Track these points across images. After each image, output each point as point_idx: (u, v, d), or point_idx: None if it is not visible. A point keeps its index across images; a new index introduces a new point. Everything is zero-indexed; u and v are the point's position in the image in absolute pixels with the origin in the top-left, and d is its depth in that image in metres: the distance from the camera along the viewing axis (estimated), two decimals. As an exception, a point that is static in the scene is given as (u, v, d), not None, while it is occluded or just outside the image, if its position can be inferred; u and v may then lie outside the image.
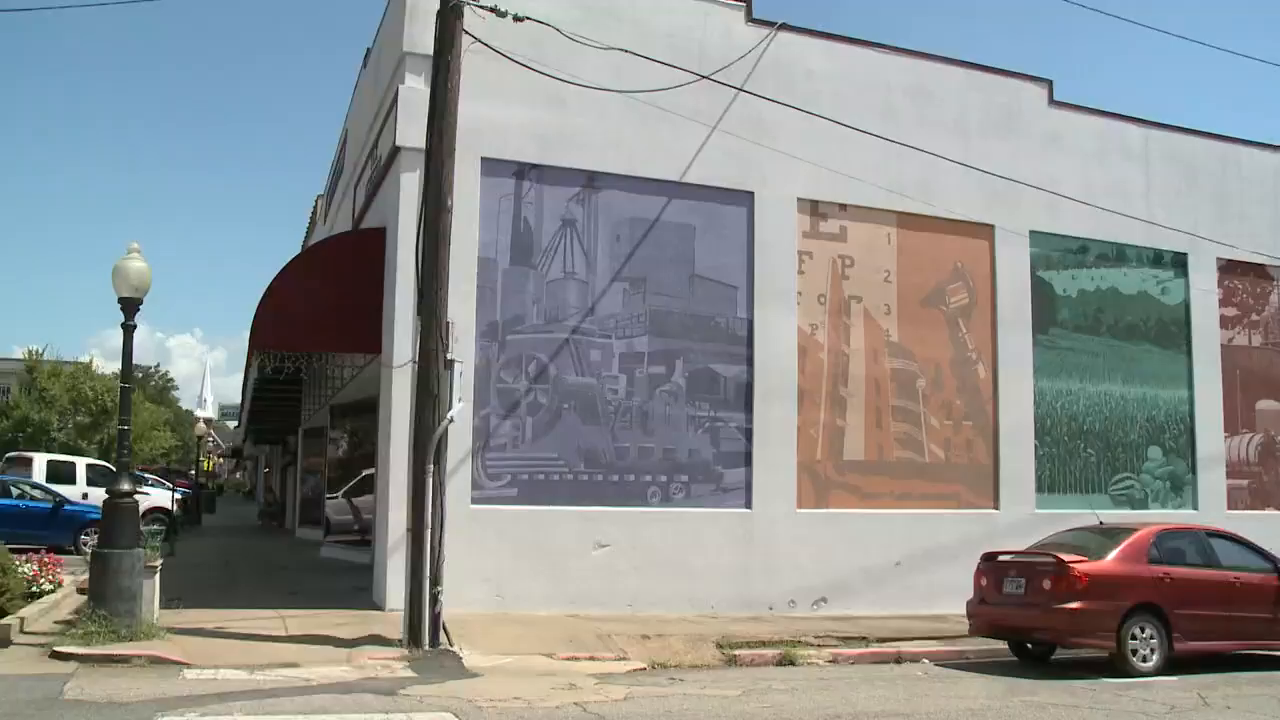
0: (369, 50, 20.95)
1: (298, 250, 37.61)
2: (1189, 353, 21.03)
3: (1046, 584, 12.94)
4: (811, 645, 13.83)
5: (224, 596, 15.89)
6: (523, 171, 16.00)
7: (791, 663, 12.93)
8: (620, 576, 15.70)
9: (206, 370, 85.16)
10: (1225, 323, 21.53)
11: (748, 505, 16.71)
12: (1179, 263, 21.06)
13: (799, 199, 17.57)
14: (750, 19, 17.52)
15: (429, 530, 12.31)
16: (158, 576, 12.90)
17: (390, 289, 15.57)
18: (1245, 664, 13.76)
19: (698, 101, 16.58)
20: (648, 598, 15.73)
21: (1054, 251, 19.78)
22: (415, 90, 15.06)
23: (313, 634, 12.73)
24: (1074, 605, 12.67)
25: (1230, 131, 23.92)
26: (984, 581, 13.96)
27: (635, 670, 12.01)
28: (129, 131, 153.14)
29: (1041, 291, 19.59)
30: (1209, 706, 10.77)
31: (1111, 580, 12.95)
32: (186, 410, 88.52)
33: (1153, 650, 12.83)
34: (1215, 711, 10.54)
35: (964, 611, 14.29)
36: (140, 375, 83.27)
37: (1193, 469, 20.74)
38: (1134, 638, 12.78)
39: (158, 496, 30.19)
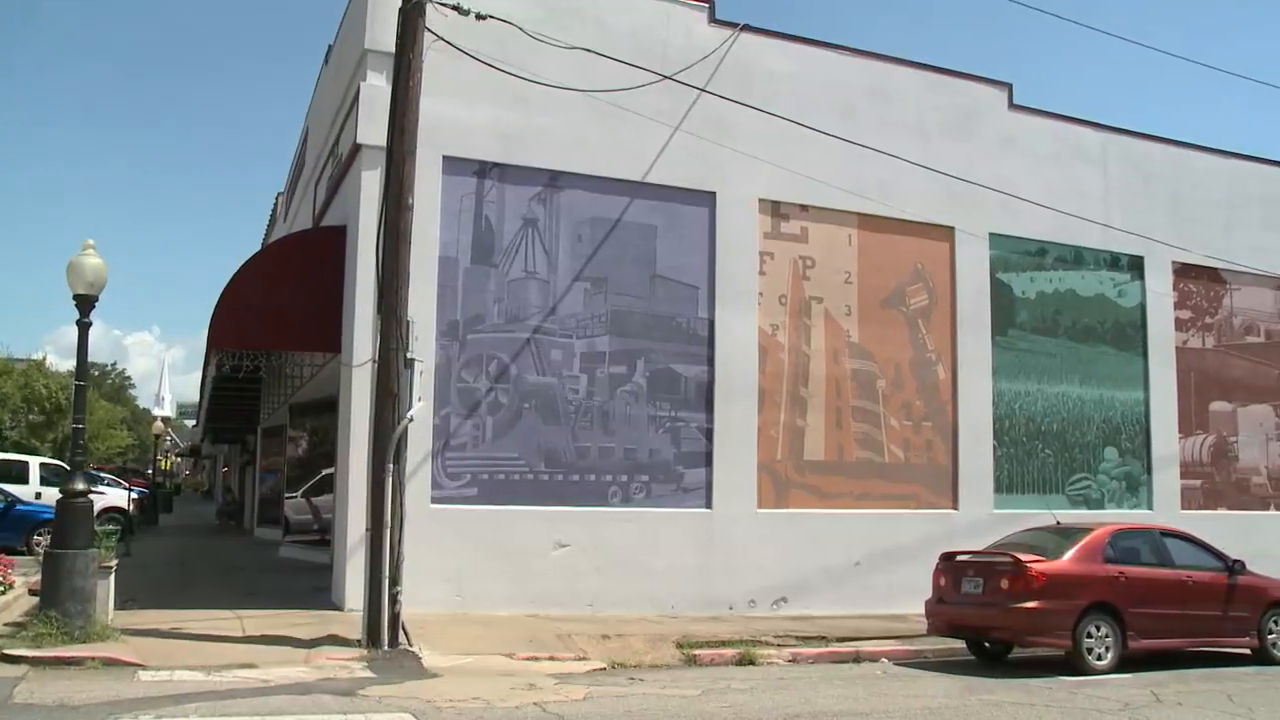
0: (330, 47, 20.82)
1: (258, 248, 37.34)
2: (1145, 355, 21.27)
3: (1004, 583, 13.05)
4: (771, 645, 13.87)
5: (180, 597, 15.74)
6: (485, 170, 15.95)
7: (751, 662, 12.95)
8: (581, 576, 15.68)
9: (164, 368, 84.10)
10: (1179, 325, 21.79)
11: (708, 505, 16.74)
12: (1135, 266, 21.30)
13: (760, 199, 17.63)
14: (712, 20, 17.56)
15: (388, 530, 12.24)
16: (112, 577, 12.75)
17: (350, 287, 15.50)
18: (1196, 660, 13.94)
19: (660, 102, 16.59)
20: (608, 598, 15.73)
21: (1013, 253, 19.95)
22: (376, 88, 14.99)
23: (270, 634, 12.63)
24: (1031, 604, 12.78)
25: (1177, 134, 24.22)
26: (942, 581, 14.05)
27: (595, 670, 12.00)
28: (90, 128, 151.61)
29: (1000, 293, 19.75)
30: (1161, 703, 10.90)
31: (1068, 580, 13.08)
32: (144, 409, 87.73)
33: (1107, 648, 12.97)
34: (1168, 708, 10.66)
35: (923, 611, 14.39)
36: (96, 373, 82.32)
37: (1148, 469, 20.97)
38: (1089, 636, 12.92)
39: (113, 496, 29.80)
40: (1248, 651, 14.41)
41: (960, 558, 14.13)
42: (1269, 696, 11.57)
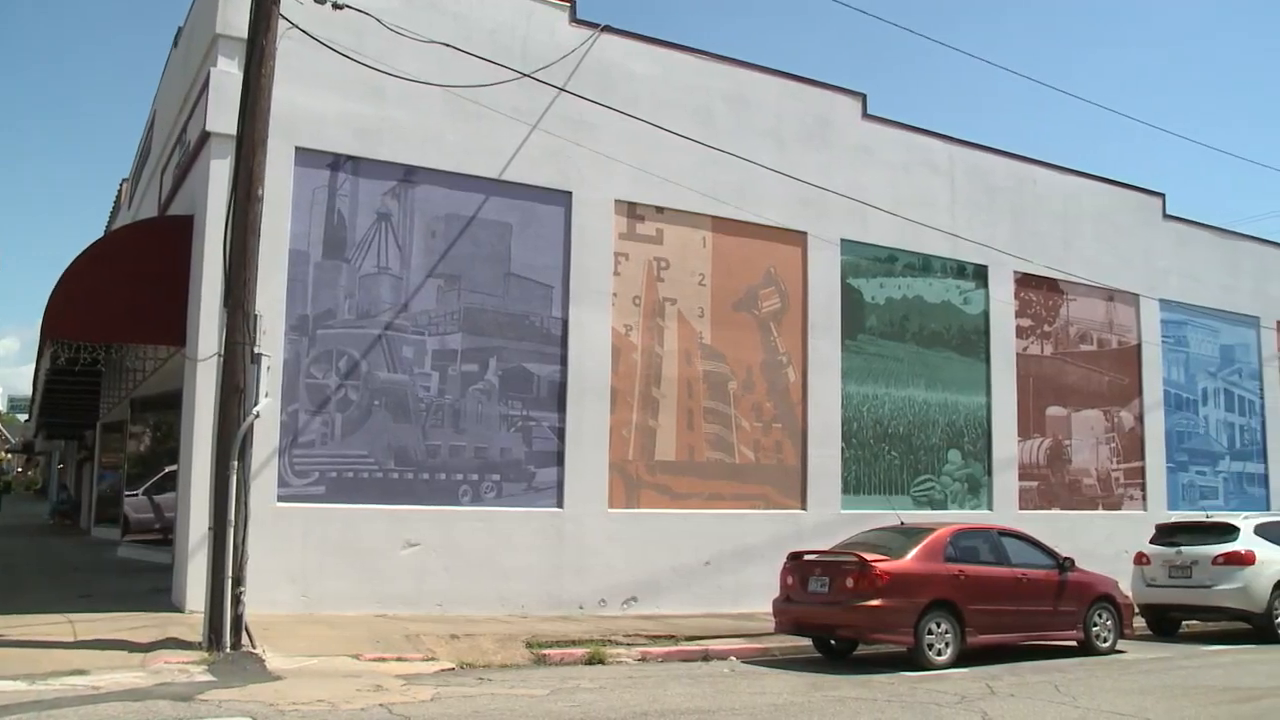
0: (180, 30, 20.19)
1: (101, 236, 36.04)
2: (987, 361, 22.00)
3: (849, 582, 13.33)
4: (621, 644, 13.91)
5: (5, 601, 15.05)
6: (338, 163, 15.66)
7: (600, 661, 12.96)
8: (430, 576, 15.52)
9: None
10: (1020, 333, 22.60)
11: (559, 505, 16.72)
12: (979, 274, 22.01)
13: (617, 200, 17.68)
14: (574, 19, 17.55)
15: (232, 528, 11.92)
16: (-71, 581, 12.14)
17: (196, 279, 15.05)
18: (1029, 654, 14.48)
19: (519, 100, 16.55)
20: (458, 597, 15.60)
21: (864, 260, 20.40)
22: (227, 74, 14.61)
23: (105, 639, 12.15)
24: (875, 602, 13.09)
25: (1024, 151, 25.15)
26: (790, 580, 14.28)
27: (443, 670, 11.87)
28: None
29: (851, 298, 20.17)
30: (995, 695, 11.27)
31: (910, 578, 13.43)
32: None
33: (947, 644, 13.37)
34: (1000, 699, 11.02)
35: (771, 610, 14.62)
36: (-79, 364, 78.47)
37: (989, 471, 21.68)
38: (930, 632, 13.29)
39: (-65, 494, 28.46)
40: (1074, 644, 15.03)
41: (807, 557, 14.39)
42: (1090, 684, 12.12)
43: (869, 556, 13.50)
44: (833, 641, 14.35)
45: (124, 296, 15.82)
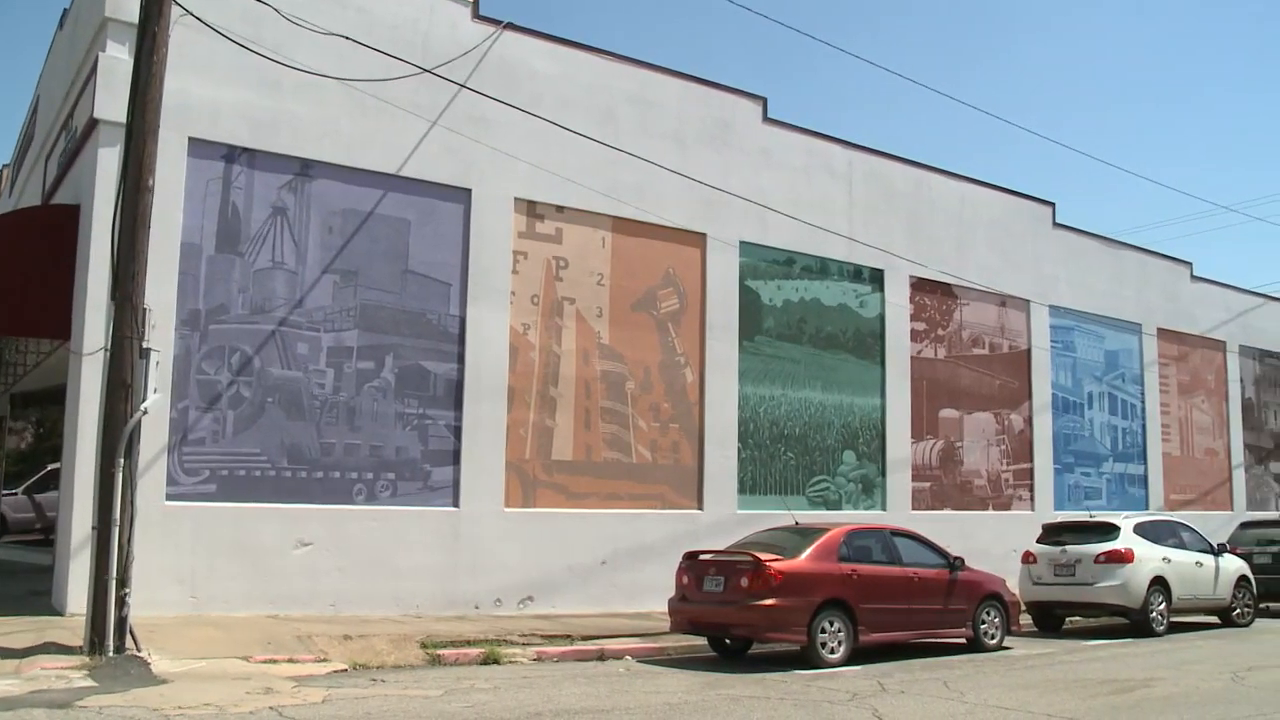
0: (66, 11, 19.62)
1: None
2: (883, 363, 22.35)
3: (744, 581, 13.45)
4: (516, 644, 13.86)
5: None
6: (233, 155, 15.34)
7: (495, 661, 12.90)
8: (323, 576, 15.29)
9: None
10: (915, 336, 23.00)
11: (455, 504, 16.59)
12: (876, 278, 22.36)
13: (516, 199, 17.59)
14: (476, 16, 17.44)
15: (117, 528, 11.60)
16: None
17: (82, 271, 14.62)
18: (920, 651, 14.79)
19: (419, 95, 16.40)
20: (352, 598, 15.40)
21: (762, 262, 20.59)
22: (117, 60, 14.23)
23: (-24, 644, 11.75)
24: (769, 602, 13.22)
25: (923, 157, 25.61)
26: (685, 579, 14.35)
27: (336, 672, 11.72)
28: None
29: (749, 300, 20.33)
30: (886, 692, 11.46)
31: (804, 578, 13.58)
32: None
33: (840, 642, 13.56)
34: (891, 696, 11.22)
35: (667, 609, 14.67)
36: None
37: (883, 472, 22.03)
38: (824, 631, 13.47)
39: None
40: (964, 641, 15.38)
41: (703, 556, 14.46)
42: (978, 680, 12.44)
43: (763, 556, 13.63)
44: (728, 640, 14.47)
45: (3, 287, 15.32)
